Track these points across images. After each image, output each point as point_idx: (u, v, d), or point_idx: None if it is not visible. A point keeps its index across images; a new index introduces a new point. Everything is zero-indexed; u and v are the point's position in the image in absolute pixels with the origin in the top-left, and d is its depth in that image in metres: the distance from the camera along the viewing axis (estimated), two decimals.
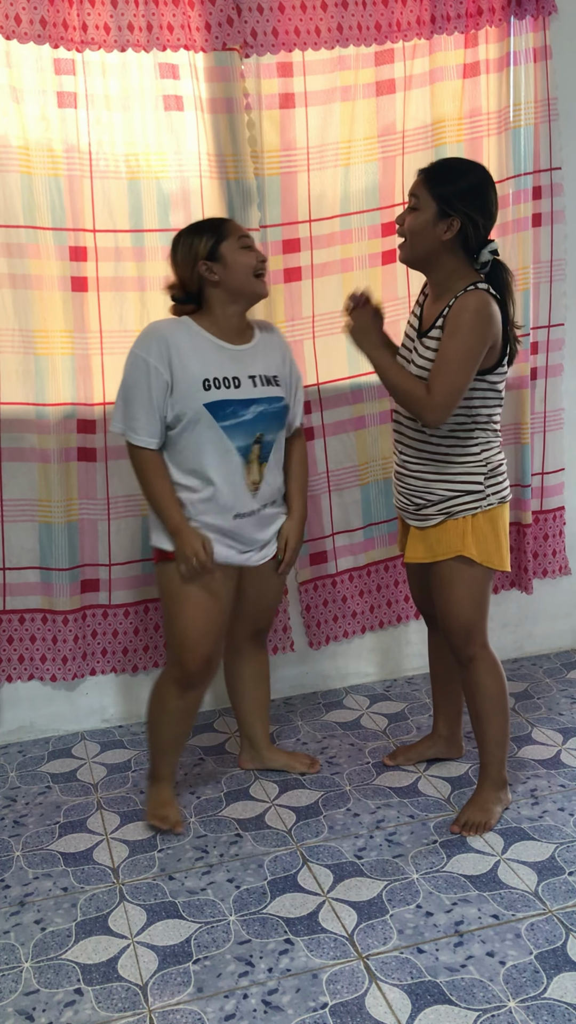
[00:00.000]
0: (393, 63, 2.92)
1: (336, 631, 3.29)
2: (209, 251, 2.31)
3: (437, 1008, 1.87)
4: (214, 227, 2.36)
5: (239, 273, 2.33)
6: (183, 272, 2.36)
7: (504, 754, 2.48)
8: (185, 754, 2.95)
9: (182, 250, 2.35)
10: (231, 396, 2.33)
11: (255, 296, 2.41)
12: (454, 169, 2.25)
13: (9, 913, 2.23)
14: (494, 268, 2.27)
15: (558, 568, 3.47)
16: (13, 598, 2.98)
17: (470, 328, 2.16)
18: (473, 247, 2.23)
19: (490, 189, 2.24)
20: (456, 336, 2.17)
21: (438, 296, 2.31)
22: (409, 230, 2.26)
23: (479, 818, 2.45)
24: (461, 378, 2.17)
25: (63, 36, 2.62)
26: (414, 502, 2.39)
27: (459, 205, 2.18)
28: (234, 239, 2.34)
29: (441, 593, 2.41)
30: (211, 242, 2.32)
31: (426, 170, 2.27)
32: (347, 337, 2.37)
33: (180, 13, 2.70)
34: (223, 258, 2.32)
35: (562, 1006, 1.85)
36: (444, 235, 2.21)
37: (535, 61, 3.02)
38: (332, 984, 1.95)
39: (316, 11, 2.81)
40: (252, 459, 2.39)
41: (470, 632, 2.40)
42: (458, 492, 2.32)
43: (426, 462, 2.34)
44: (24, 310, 2.77)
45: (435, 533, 2.36)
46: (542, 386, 3.29)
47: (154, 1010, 1.90)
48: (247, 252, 2.35)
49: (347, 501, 3.20)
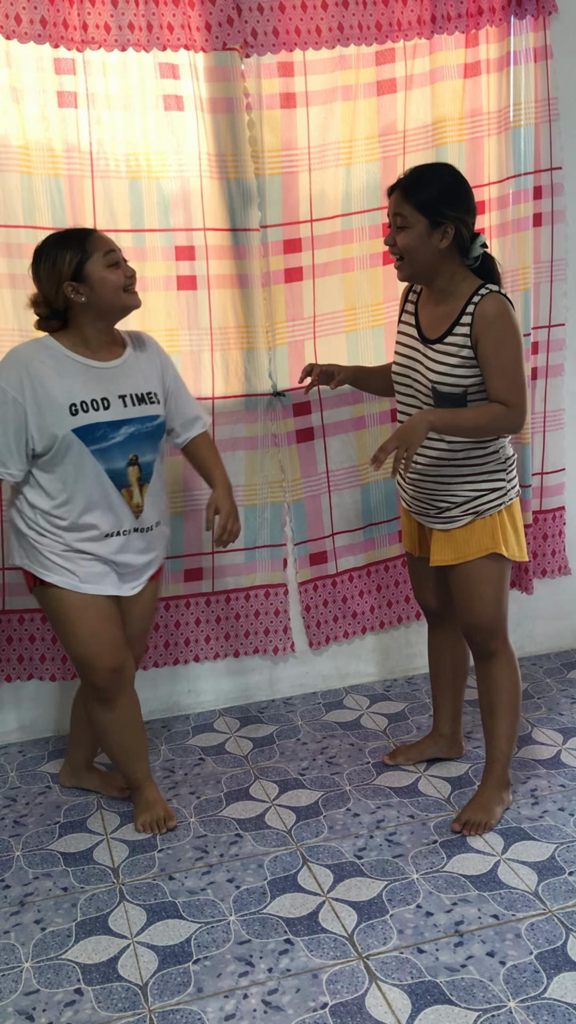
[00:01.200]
0: (394, 62, 2.91)
1: (336, 631, 3.29)
2: (74, 271, 2.20)
3: (437, 1008, 1.87)
4: (78, 242, 2.22)
5: (106, 292, 2.23)
6: (47, 290, 2.25)
7: (511, 752, 2.49)
8: (185, 754, 2.95)
9: (45, 268, 2.23)
10: (100, 419, 2.25)
11: (126, 310, 2.32)
12: (425, 176, 2.26)
13: (9, 913, 2.23)
14: (484, 261, 2.31)
15: (558, 568, 3.47)
16: (12, 598, 2.97)
17: (509, 331, 2.22)
18: (467, 246, 2.27)
19: (464, 183, 2.27)
20: (504, 344, 2.21)
21: (440, 301, 2.32)
22: (405, 249, 2.25)
23: (480, 817, 2.45)
24: (523, 377, 2.26)
25: (63, 36, 2.62)
26: (436, 506, 2.39)
27: (446, 210, 2.20)
28: (99, 256, 2.22)
29: (467, 591, 2.41)
30: (75, 261, 2.20)
31: (400, 186, 2.26)
32: (408, 449, 2.15)
33: (180, 13, 2.70)
34: (88, 278, 2.21)
35: (562, 1006, 1.85)
36: (441, 243, 2.23)
37: (535, 61, 3.01)
38: (332, 984, 1.94)
39: (317, 10, 2.81)
40: (132, 481, 2.33)
41: (495, 627, 2.42)
42: (483, 491, 2.34)
43: (446, 465, 2.35)
44: (24, 310, 2.76)
45: (463, 534, 2.37)
46: (542, 386, 3.29)
47: (154, 1010, 1.90)
48: (114, 270, 2.24)
49: (347, 501, 3.20)
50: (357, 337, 3.07)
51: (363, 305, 3.05)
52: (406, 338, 2.40)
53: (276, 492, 3.11)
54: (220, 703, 3.26)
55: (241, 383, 2.99)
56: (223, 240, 2.89)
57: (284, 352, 3.01)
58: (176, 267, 2.86)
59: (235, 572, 3.13)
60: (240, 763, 2.88)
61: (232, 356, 2.97)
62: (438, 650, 2.72)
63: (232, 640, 3.18)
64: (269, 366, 3.00)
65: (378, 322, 3.06)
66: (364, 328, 3.05)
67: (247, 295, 2.93)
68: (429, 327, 2.34)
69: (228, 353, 2.96)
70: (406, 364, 2.39)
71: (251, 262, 2.91)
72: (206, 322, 2.92)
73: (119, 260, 2.27)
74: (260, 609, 3.18)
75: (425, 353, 2.33)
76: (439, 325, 2.31)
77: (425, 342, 2.33)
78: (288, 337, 3.00)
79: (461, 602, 2.44)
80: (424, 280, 2.32)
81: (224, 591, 3.14)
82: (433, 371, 2.30)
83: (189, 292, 2.88)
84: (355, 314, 3.06)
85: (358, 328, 3.05)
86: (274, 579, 3.17)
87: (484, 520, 2.35)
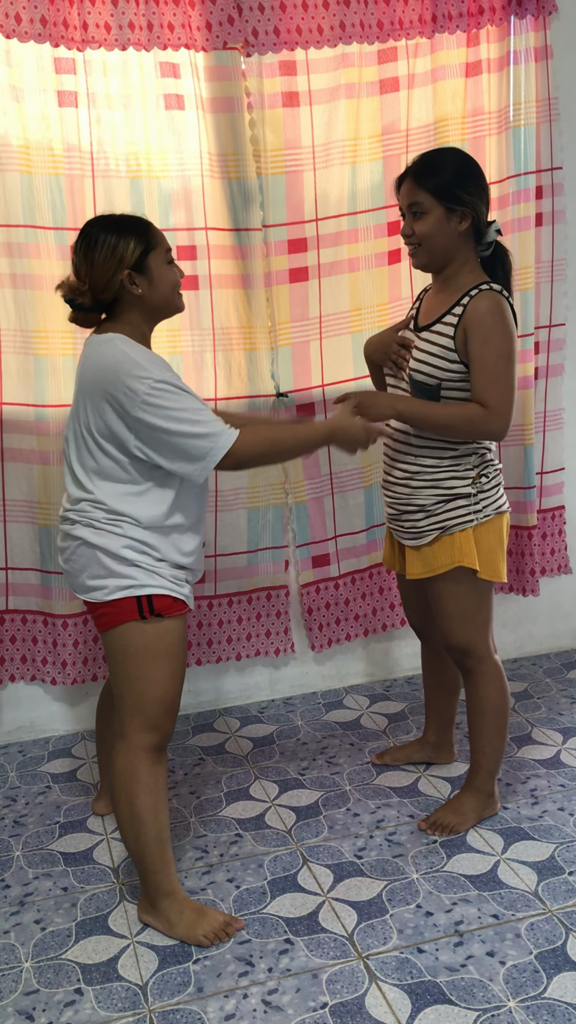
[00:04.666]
0: (397, 61, 2.91)
1: (338, 634, 3.29)
2: (137, 260, 2.01)
3: (437, 1008, 1.87)
4: (141, 232, 2.04)
5: (165, 289, 2.07)
6: (100, 277, 2.00)
7: (495, 766, 2.45)
8: (185, 754, 2.95)
9: (103, 252, 1.99)
10: None
11: (174, 311, 2.14)
12: (436, 162, 2.23)
13: (9, 913, 2.22)
14: (496, 251, 2.28)
15: (558, 567, 3.47)
16: (16, 598, 2.97)
17: (499, 331, 2.16)
18: (482, 230, 2.23)
19: (475, 165, 2.24)
20: (490, 343, 2.16)
21: (442, 289, 2.29)
22: (424, 236, 2.21)
23: (450, 820, 2.43)
24: (510, 380, 2.17)
25: (63, 35, 2.62)
26: (402, 509, 2.35)
27: (461, 194, 2.17)
28: (162, 250, 2.06)
29: (438, 607, 2.38)
30: (139, 250, 2.01)
31: (412, 174, 2.22)
32: (361, 412, 2.19)
33: (181, 12, 2.70)
34: (150, 271, 2.03)
35: (562, 1006, 1.85)
36: (460, 227, 2.20)
37: (536, 60, 3.01)
38: (332, 984, 1.94)
39: (318, 9, 2.80)
40: None
41: (468, 647, 2.36)
42: (446, 497, 2.28)
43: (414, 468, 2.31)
44: (25, 310, 2.77)
45: (429, 550, 2.33)
46: (543, 386, 3.29)
47: (154, 1010, 1.90)
48: (172, 267, 2.10)
49: (350, 504, 3.20)
50: (363, 338, 3.05)
51: (369, 305, 3.05)
52: (406, 331, 2.38)
53: (279, 494, 3.11)
54: (220, 703, 3.26)
55: (244, 384, 2.98)
56: (225, 240, 2.88)
57: (288, 353, 3.00)
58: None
59: (237, 575, 3.12)
60: (240, 763, 2.88)
61: (235, 357, 2.96)
62: (427, 664, 2.71)
63: (235, 643, 3.18)
64: (272, 367, 3.00)
65: (384, 323, 3.04)
66: (370, 328, 3.04)
67: (250, 295, 2.93)
68: (423, 315, 2.32)
69: (231, 354, 2.96)
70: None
71: (253, 262, 2.90)
72: (208, 322, 2.91)
73: (174, 258, 2.13)
74: (262, 611, 3.18)
75: (414, 341, 2.31)
76: (432, 313, 2.29)
77: (416, 329, 2.32)
78: (293, 338, 3.00)
79: (436, 619, 2.41)
80: (438, 267, 2.28)
81: (226, 594, 3.14)
82: (414, 358, 2.27)
83: (191, 292, 2.88)
84: (360, 315, 3.05)
85: (364, 329, 3.04)
86: (276, 581, 3.17)
87: (452, 536, 2.29)
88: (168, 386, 1.94)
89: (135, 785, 2.04)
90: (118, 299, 2.04)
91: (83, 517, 2.03)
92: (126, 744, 2.06)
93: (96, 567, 2.03)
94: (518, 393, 3.15)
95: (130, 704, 2.05)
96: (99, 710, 2.55)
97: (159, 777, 2.07)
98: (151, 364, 1.96)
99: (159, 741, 2.07)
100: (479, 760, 2.43)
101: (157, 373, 1.95)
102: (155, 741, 2.06)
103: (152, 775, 2.06)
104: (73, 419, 2.06)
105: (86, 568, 2.04)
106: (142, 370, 1.94)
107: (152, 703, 2.04)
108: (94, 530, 2.02)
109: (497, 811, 2.51)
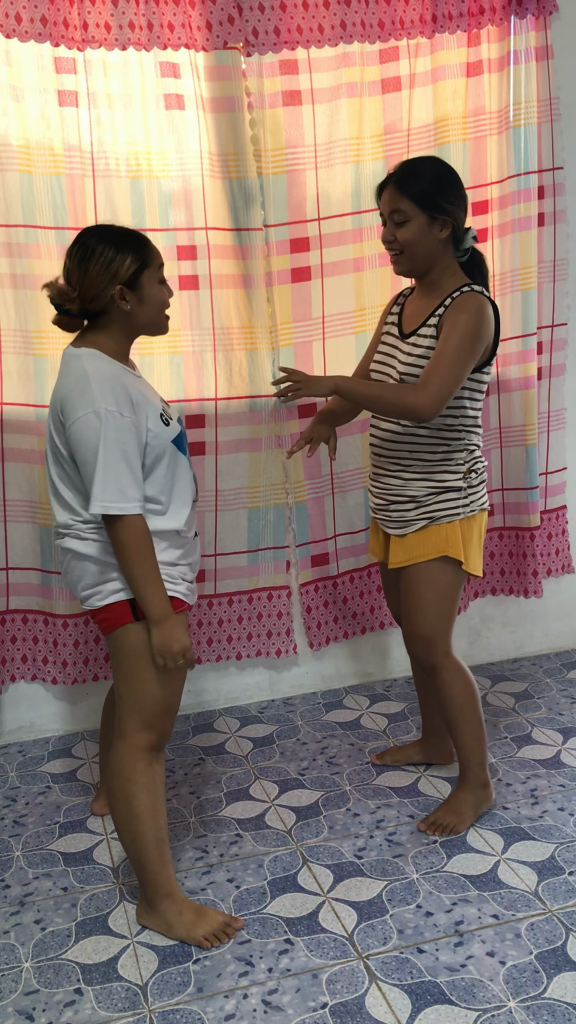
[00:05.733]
0: (398, 60, 2.91)
1: (337, 632, 3.29)
2: (130, 277, 1.99)
3: (437, 1008, 1.86)
4: (138, 249, 2.01)
5: (152, 309, 2.05)
6: (91, 288, 1.98)
7: (482, 756, 2.46)
8: (185, 754, 2.94)
9: (98, 264, 1.97)
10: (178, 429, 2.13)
11: (158, 331, 2.13)
12: (416, 170, 2.25)
13: (9, 913, 2.22)
14: (472, 256, 2.33)
15: (560, 567, 3.47)
16: (17, 598, 2.98)
17: (469, 327, 2.18)
18: (461, 236, 2.28)
19: (453, 174, 2.27)
20: (454, 333, 2.18)
21: (425, 294, 2.33)
22: (407, 243, 2.25)
23: (449, 820, 2.44)
24: (456, 372, 2.17)
25: (63, 35, 2.62)
26: (391, 500, 2.38)
27: (442, 202, 2.21)
28: (155, 268, 2.04)
29: (410, 596, 2.39)
30: (135, 267, 1.99)
31: (394, 182, 2.25)
32: (302, 388, 2.24)
33: (181, 12, 2.70)
34: (141, 289, 2.01)
35: (562, 1006, 1.85)
36: (441, 234, 2.24)
37: (536, 60, 3.01)
38: (332, 984, 1.94)
39: (319, 8, 2.80)
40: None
41: (432, 638, 2.38)
42: (437, 489, 2.32)
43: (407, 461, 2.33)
44: (25, 310, 2.77)
45: (416, 536, 2.36)
46: (545, 386, 3.29)
47: (154, 1010, 1.90)
48: (163, 287, 2.07)
49: (350, 503, 3.20)
50: (367, 338, 3.06)
51: (373, 305, 3.04)
52: (388, 337, 2.41)
53: (279, 494, 3.11)
54: (220, 703, 3.26)
55: (245, 384, 2.98)
56: (225, 240, 2.88)
57: (290, 353, 3.00)
58: (178, 267, 2.85)
59: (237, 575, 3.12)
60: (240, 763, 2.88)
61: (235, 357, 2.96)
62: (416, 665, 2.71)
63: (235, 643, 3.18)
64: (273, 367, 2.99)
65: None
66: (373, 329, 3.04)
67: (250, 295, 2.93)
68: (407, 321, 2.35)
69: (231, 354, 2.95)
70: (382, 361, 2.40)
71: (254, 262, 2.90)
72: (208, 322, 2.91)
73: (165, 278, 2.10)
74: (263, 612, 3.18)
75: (399, 347, 2.33)
76: (416, 318, 2.32)
77: (402, 337, 2.34)
78: (295, 338, 2.99)
79: (405, 609, 2.43)
80: (420, 273, 2.32)
81: (227, 593, 3.13)
82: (403, 363, 2.30)
83: (191, 292, 2.88)
84: (364, 314, 3.05)
85: (368, 329, 3.03)
86: (277, 581, 3.17)
87: (440, 527, 2.32)
88: (99, 417, 1.91)
89: (132, 785, 2.04)
90: (105, 311, 2.02)
91: (69, 530, 2.06)
92: (124, 743, 2.07)
93: (88, 576, 2.06)
94: (518, 394, 3.19)
95: (128, 704, 2.06)
96: (104, 711, 2.55)
97: (156, 777, 2.07)
98: (103, 392, 1.93)
99: (156, 741, 2.07)
100: (466, 754, 2.45)
101: (102, 404, 1.92)
102: (152, 741, 2.07)
103: (149, 774, 2.06)
104: (48, 438, 2.07)
105: (81, 578, 2.07)
106: (89, 397, 1.92)
107: (149, 703, 2.05)
108: (81, 540, 2.04)
109: (492, 801, 2.51)
